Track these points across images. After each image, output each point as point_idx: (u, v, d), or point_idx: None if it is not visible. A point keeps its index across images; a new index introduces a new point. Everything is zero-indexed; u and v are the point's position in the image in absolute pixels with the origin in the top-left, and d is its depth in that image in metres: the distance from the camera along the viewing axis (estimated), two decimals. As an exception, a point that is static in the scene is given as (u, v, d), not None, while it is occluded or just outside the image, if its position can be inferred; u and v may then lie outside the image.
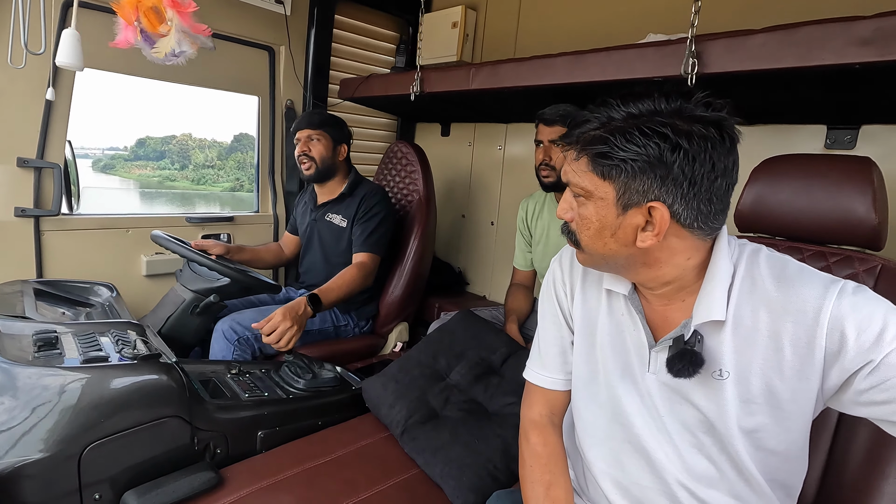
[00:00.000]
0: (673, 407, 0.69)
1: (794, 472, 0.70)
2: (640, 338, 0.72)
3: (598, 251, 0.68)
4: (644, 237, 0.64)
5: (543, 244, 1.70)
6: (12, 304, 1.35)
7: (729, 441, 0.65)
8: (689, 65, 1.17)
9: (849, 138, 1.40)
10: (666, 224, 0.62)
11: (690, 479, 0.69)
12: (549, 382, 0.85)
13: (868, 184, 0.83)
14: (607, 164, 0.63)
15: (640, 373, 0.72)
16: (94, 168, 2.89)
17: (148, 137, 2.94)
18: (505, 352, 1.43)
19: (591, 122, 0.65)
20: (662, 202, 0.61)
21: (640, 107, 0.62)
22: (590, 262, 0.72)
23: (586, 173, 0.65)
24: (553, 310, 0.85)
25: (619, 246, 0.66)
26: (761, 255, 0.67)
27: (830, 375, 0.60)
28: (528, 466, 0.81)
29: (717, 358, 0.65)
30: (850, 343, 0.57)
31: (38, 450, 0.91)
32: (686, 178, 0.60)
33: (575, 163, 0.67)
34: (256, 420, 1.23)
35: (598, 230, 0.66)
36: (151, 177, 2.82)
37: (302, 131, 1.83)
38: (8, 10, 1.46)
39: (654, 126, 0.60)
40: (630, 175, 0.62)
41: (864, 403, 0.59)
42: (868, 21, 0.96)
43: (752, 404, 0.64)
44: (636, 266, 0.68)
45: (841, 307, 0.58)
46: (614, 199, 0.64)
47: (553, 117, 1.55)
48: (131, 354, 1.10)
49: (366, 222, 1.81)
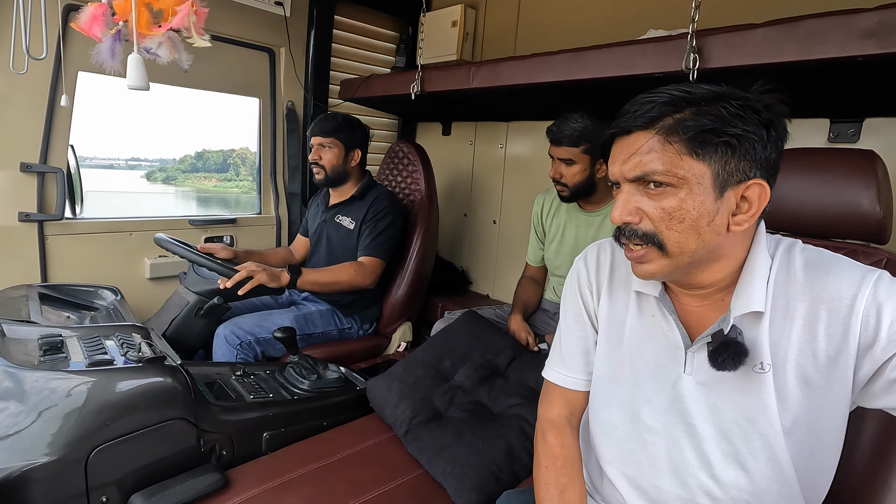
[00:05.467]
0: (710, 410, 0.66)
1: (825, 469, 0.68)
2: (674, 339, 0.70)
3: (690, 247, 0.62)
4: (739, 220, 0.61)
5: (557, 242, 1.68)
6: (17, 309, 1.36)
7: (773, 440, 0.63)
8: (691, 60, 1.16)
9: (852, 132, 1.39)
10: (764, 202, 0.60)
11: (717, 487, 0.66)
12: (571, 382, 0.83)
13: (872, 177, 0.83)
14: (712, 143, 0.58)
15: (674, 375, 0.70)
16: (149, 179, 2.97)
17: (206, 150, 3.07)
18: (510, 354, 1.42)
19: (666, 106, 0.60)
20: (763, 178, 0.60)
21: (714, 87, 0.60)
22: (667, 268, 0.64)
23: (677, 157, 0.59)
24: (577, 309, 0.83)
25: (713, 235, 0.61)
26: (797, 247, 0.66)
27: (863, 365, 0.59)
28: (544, 468, 0.80)
29: (758, 350, 0.63)
30: (884, 331, 0.57)
31: (45, 453, 0.91)
32: (770, 158, 0.60)
33: (659, 147, 0.60)
34: (261, 421, 1.23)
35: (695, 220, 0.60)
36: (218, 187, 2.91)
37: (315, 138, 1.83)
38: (9, 16, 1.46)
39: (752, 104, 0.59)
40: (734, 153, 0.59)
41: (894, 392, 0.58)
42: (870, 13, 0.96)
43: (789, 398, 0.62)
44: (711, 261, 0.64)
45: (877, 295, 0.58)
46: (711, 182, 0.59)
47: (559, 137, 1.49)
48: (136, 357, 1.10)
49: (373, 226, 1.81)
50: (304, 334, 1.75)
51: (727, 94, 0.60)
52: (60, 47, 1.56)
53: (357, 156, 1.87)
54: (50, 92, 1.66)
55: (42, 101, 1.66)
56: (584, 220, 1.61)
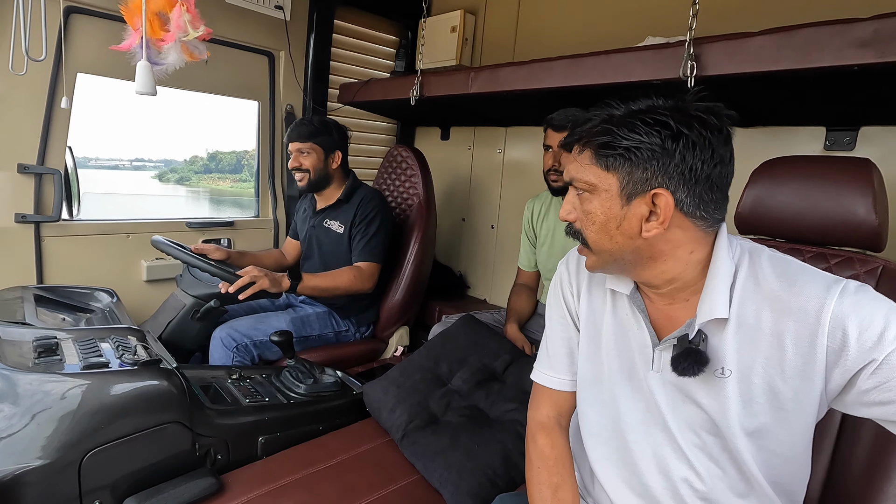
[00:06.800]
0: (676, 406, 0.70)
1: (797, 476, 0.70)
2: (643, 337, 0.73)
3: (605, 246, 0.69)
4: (649, 227, 0.65)
5: (548, 245, 1.70)
6: (13, 311, 1.35)
7: (731, 441, 0.65)
8: (688, 67, 1.17)
9: (848, 140, 1.40)
10: (670, 211, 0.63)
11: (696, 478, 0.69)
12: (557, 383, 0.85)
13: (868, 185, 0.83)
14: (611, 155, 0.64)
15: (643, 372, 0.72)
16: (161, 180, 2.98)
17: (218, 152, 3.07)
18: (507, 358, 1.42)
19: (593, 120, 0.67)
20: (666, 188, 0.63)
21: (639, 104, 0.65)
22: (598, 263, 0.72)
23: (590, 167, 0.67)
24: (560, 311, 0.85)
25: (625, 238, 0.67)
26: (764, 254, 0.67)
27: (833, 375, 0.60)
28: (536, 468, 0.81)
29: (720, 356, 0.65)
30: (852, 342, 0.57)
31: (39, 457, 0.90)
32: (687, 165, 0.62)
33: (578, 157, 0.68)
34: (257, 425, 1.22)
35: (604, 223, 0.67)
36: (234, 188, 2.91)
37: (293, 144, 1.80)
38: (9, 17, 1.47)
39: (655, 116, 0.63)
40: (633, 164, 0.63)
41: (867, 404, 0.59)
42: (866, 23, 0.97)
43: (754, 404, 0.64)
44: (642, 261, 0.68)
45: (843, 306, 0.59)
46: (618, 190, 0.65)
47: (562, 122, 1.53)
48: (132, 360, 1.10)
49: (364, 230, 1.80)
50: (301, 337, 1.74)
51: (645, 109, 0.64)
52: (60, 49, 1.56)
53: (338, 158, 1.84)
54: (48, 93, 1.66)
55: (41, 102, 1.66)
56: None
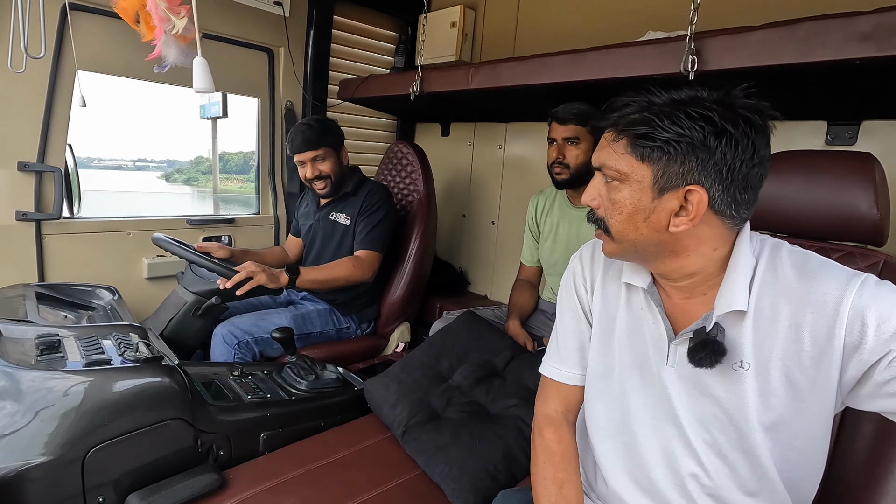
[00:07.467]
0: (691, 401, 0.69)
1: (811, 471, 0.69)
2: (659, 331, 0.72)
3: (629, 237, 0.67)
4: (678, 222, 0.63)
5: (552, 241, 1.70)
6: (14, 308, 1.35)
7: (748, 435, 0.65)
8: (689, 62, 1.16)
9: (849, 134, 1.40)
10: (703, 209, 0.62)
11: (704, 474, 0.69)
12: (566, 377, 0.85)
13: (870, 180, 0.83)
14: (648, 146, 0.62)
15: (657, 366, 0.72)
16: (168, 180, 2.99)
17: (225, 152, 3.07)
18: (508, 354, 1.42)
19: (631, 106, 0.65)
20: (702, 186, 0.61)
21: (681, 94, 0.63)
22: (618, 251, 0.70)
23: (624, 155, 0.64)
24: (572, 305, 0.85)
25: (651, 231, 0.65)
26: (783, 248, 0.67)
27: (849, 368, 0.60)
28: (541, 463, 0.81)
29: (738, 349, 0.65)
30: (870, 333, 0.58)
31: (42, 453, 0.91)
32: (727, 164, 0.60)
33: (613, 144, 0.66)
34: (259, 422, 1.23)
35: (631, 214, 0.65)
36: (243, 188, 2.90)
37: (303, 154, 1.73)
38: (7, 15, 1.46)
39: (699, 109, 0.60)
40: (671, 157, 0.61)
41: (883, 395, 0.59)
42: (867, 16, 0.96)
43: (772, 397, 0.64)
44: (664, 254, 0.67)
45: (862, 298, 0.59)
46: (651, 182, 0.63)
47: (567, 115, 1.53)
48: (133, 357, 1.10)
49: (367, 219, 1.80)
50: (302, 334, 1.74)
51: (688, 100, 0.62)
52: (60, 46, 1.56)
53: (346, 153, 1.85)
54: (48, 91, 1.66)
55: (40, 100, 1.66)
56: (575, 217, 1.63)
